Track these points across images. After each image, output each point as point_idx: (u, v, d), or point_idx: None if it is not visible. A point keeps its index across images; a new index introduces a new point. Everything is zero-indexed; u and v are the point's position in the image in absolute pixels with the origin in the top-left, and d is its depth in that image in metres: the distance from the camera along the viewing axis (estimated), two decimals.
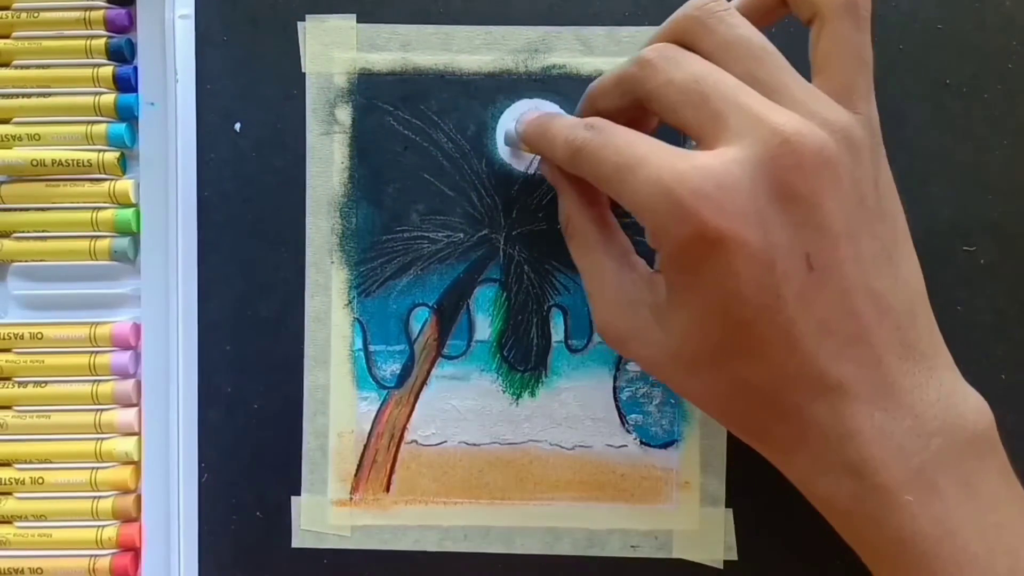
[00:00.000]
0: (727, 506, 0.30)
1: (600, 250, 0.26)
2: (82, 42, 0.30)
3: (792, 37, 0.27)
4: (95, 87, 0.30)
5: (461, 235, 0.30)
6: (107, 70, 0.30)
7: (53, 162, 0.30)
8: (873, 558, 0.23)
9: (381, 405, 0.30)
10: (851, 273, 0.21)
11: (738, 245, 0.20)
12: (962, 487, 0.22)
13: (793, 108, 0.21)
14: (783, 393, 0.22)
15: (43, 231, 0.30)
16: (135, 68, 0.30)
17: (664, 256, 0.22)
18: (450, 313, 0.30)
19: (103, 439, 0.30)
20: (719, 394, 0.23)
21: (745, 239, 0.20)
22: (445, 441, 0.30)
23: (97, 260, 0.30)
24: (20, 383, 0.30)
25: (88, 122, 0.30)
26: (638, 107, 0.24)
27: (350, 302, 0.30)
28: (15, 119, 0.30)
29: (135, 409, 0.30)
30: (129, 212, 0.30)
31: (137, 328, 0.30)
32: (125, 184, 0.30)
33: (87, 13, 0.30)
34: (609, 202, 0.27)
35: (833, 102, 0.22)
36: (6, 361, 0.30)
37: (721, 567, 0.30)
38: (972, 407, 0.22)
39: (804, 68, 0.23)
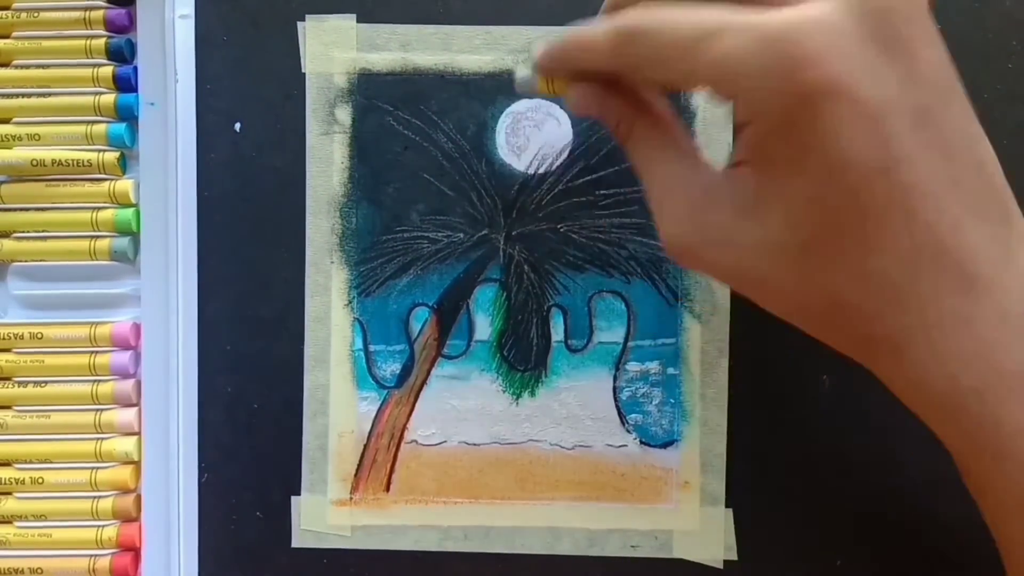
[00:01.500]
0: (727, 506, 0.30)
1: (666, 148, 0.23)
2: (82, 42, 0.30)
3: None
4: (95, 87, 0.30)
5: (461, 235, 0.30)
6: (107, 70, 0.30)
7: (53, 162, 0.30)
8: (979, 454, 0.21)
9: (381, 405, 0.30)
10: (954, 135, 0.19)
11: (849, 96, 0.18)
12: None
13: None
14: (903, 274, 0.19)
15: (43, 231, 0.30)
16: (135, 68, 0.30)
17: (763, 128, 0.20)
18: (450, 313, 0.30)
19: (103, 439, 0.30)
20: (828, 293, 0.20)
21: (858, 91, 0.18)
22: (445, 441, 0.30)
23: (97, 260, 0.30)
24: (20, 383, 0.30)
25: (88, 122, 0.30)
26: None
27: (350, 302, 0.30)
28: (15, 119, 0.30)
29: (135, 409, 0.30)
30: (129, 212, 0.30)
31: (137, 328, 0.30)
32: (125, 184, 0.30)
33: (87, 13, 0.30)
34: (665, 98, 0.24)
35: None
36: (6, 361, 0.30)
37: (721, 567, 0.30)
38: None
39: None
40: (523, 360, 0.30)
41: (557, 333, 0.30)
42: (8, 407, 0.30)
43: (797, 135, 0.19)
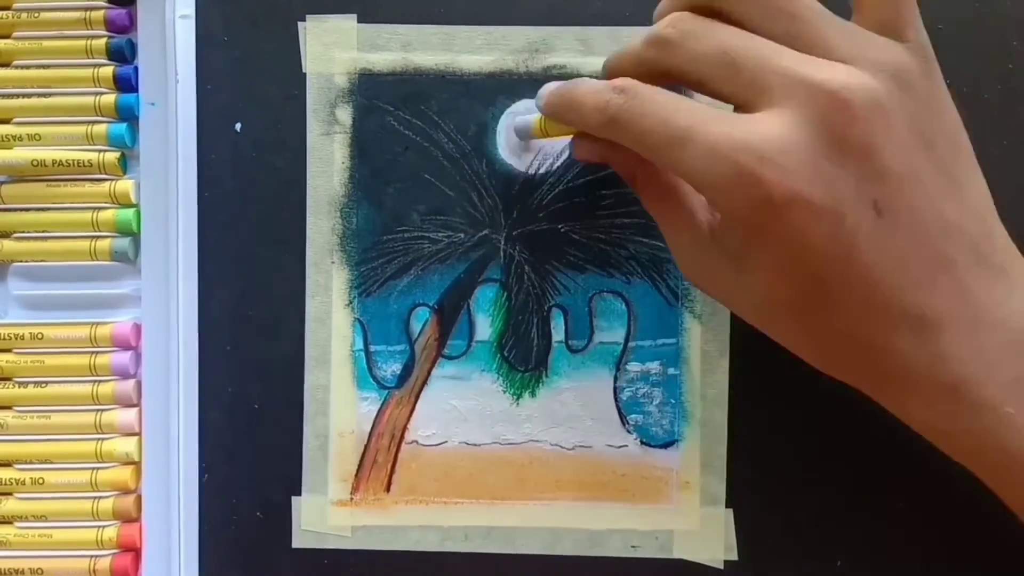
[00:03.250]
0: (727, 506, 0.30)
1: (667, 198, 0.25)
2: (82, 42, 0.30)
3: None
4: (95, 87, 0.30)
5: (462, 235, 0.30)
6: (107, 70, 0.30)
7: (54, 162, 0.30)
8: (982, 470, 0.23)
9: (382, 405, 0.30)
10: (920, 208, 0.21)
11: (806, 205, 0.20)
12: None
13: (835, 57, 0.21)
14: (868, 333, 0.22)
15: (43, 231, 0.30)
16: (135, 68, 0.30)
17: (729, 222, 0.22)
18: (451, 313, 0.30)
19: (103, 439, 0.30)
20: (803, 338, 0.24)
21: (812, 198, 0.20)
22: (446, 441, 0.30)
23: (97, 260, 0.30)
24: (20, 383, 0.30)
25: (88, 122, 0.30)
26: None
27: (351, 302, 0.30)
28: (15, 119, 0.30)
29: (135, 409, 0.30)
30: (129, 212, 0.30)
31: (137, 328, 0.30)
32: (125, 184, 0.30)
33: (87, 13, 0.30)
34: None
35: (877, 37, 0.22)
36: (6, 361, 0.30)
37: (721, 567, 0.30)
38: None
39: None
40: (523, 360, 0.30)
41: (558, 333, 0.30)
42: (8, 407, 0.30)
43: (762, 232, 0.21)
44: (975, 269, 0.22)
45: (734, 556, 0.30)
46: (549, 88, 0.26)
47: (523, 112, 0.30)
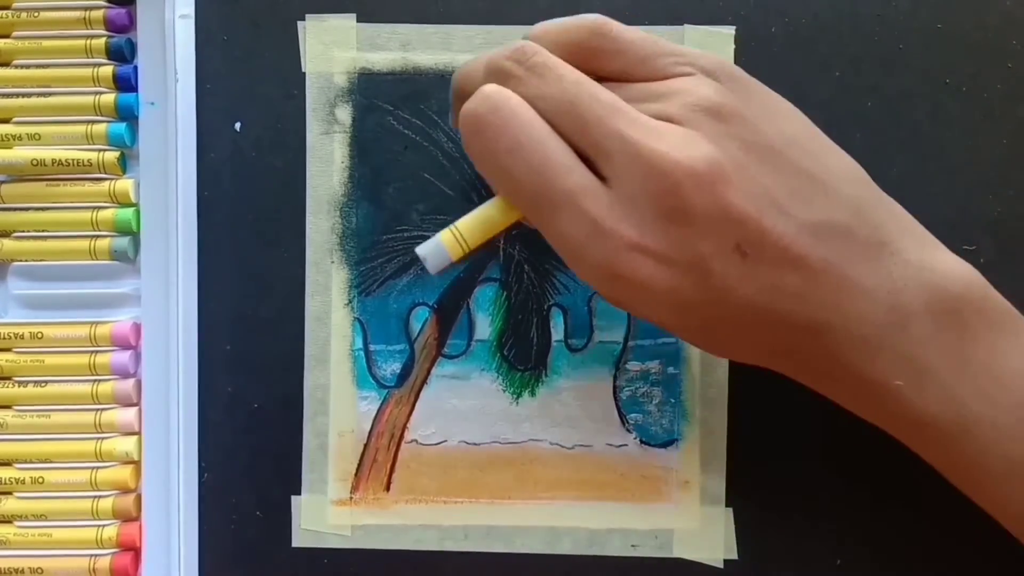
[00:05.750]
0: (727, 505, 0.30)
1: None
2: (82, 42, 0.30)
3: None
4: (95, 87, 0.30)
5: None
6: (107, 70, 0.30)
7: (53, 162, 0.30)
8: (894, 434, 0.25)
9: (381, 404, 0.30)
10: (782, 232, 0.21)
11: (671, 279, 0.21)
12: (953, 357, 0.22)
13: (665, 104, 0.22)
14: (765, 347, 0.23)
15: (43, 231, 0.30)
16: (135, 68, 0.30)
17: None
18: (450, 312, 0.30)
19: (103, 439, 0.30)
20: (713, 350, 0.25)
21: (675, 269, 0.21)
22: (445, 440, 0.30)
23: (97, 260, 0.30)
24: (20, 383, 0.30)
25: (88, 122, 0.30)
26: None
27: (350, 301, 0.30)
28: (15, 119, 0.30)
29: (135, 409, 0.30)
30: (129, 212, 0.30)
31: (137, 328, 0.30)
32: (125, 184, 0.30)
33: (87, 13, 0.30)
34: None
35: (676, 82, 0.22)
36: (6, 361, 0.30)
37: (721, 566, 0.30)
38: (945, 273, 0.23)
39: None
40: (523, 359, 0.30)
41: (557, 332, 0.30)
42: (8, 407, 0.30)
43: (640, 310, 0.23)
44: (853, 258, 0.22)
45: (734, 556, 0.30)
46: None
47: None
